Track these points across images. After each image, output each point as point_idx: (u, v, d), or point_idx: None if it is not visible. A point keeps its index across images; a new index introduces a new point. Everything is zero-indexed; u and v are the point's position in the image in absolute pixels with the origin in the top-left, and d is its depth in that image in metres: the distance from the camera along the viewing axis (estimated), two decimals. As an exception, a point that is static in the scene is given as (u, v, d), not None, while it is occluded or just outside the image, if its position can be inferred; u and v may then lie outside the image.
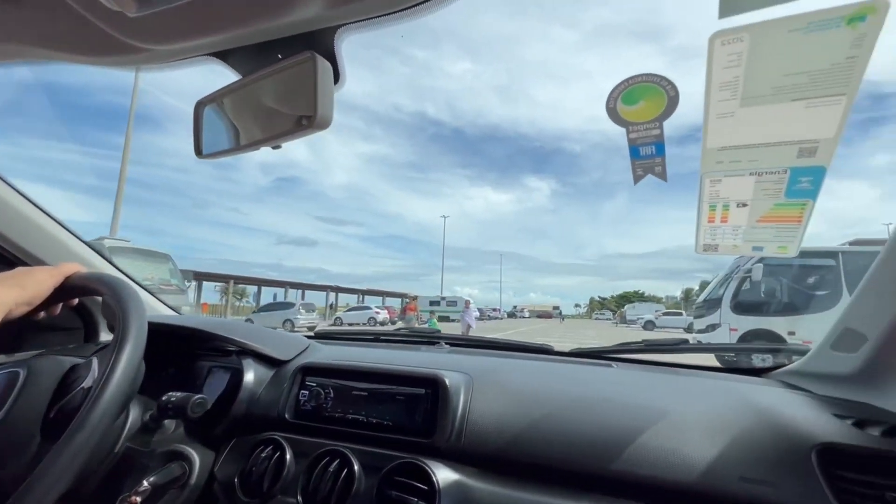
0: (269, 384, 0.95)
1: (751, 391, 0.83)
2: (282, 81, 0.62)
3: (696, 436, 0.69)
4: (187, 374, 1.08)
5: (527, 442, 0.73)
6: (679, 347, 1.12)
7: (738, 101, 0.56)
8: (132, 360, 0.65)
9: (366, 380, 0.86)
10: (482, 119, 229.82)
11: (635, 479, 0.66)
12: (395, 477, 0.71)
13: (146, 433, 0.82)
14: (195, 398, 0.78)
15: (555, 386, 0.87)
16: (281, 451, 0.79)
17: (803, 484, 0.60)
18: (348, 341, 1.47)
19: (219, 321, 1.14)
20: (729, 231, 0.75)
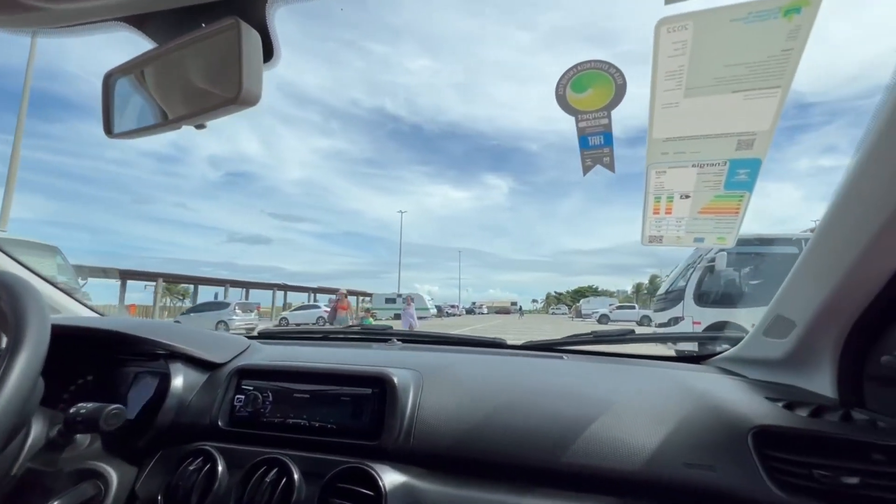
0: (202, 390, 0.87)
1: (691, 378, 0.86)
2: (204, 52, 0.56)
3: (642, 424, 0.70)
4: (109, 382, 0.97)
5: (477, 438, 0.71)
6: (626, 338, 1.15)
7: (683, 90, 0.57)
8: (26, 371, 0.57)
9: (308, 381, 0.81)
10: (441, 116, 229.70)
11: (583, 471, 0.66)
12: (339, 484, 0.66)
13: (52, 451, 0.72)
14: (109, 409, 0.69)
15: (505, 379, 0.86)
16: (212, 462, 0.72)
17: (741, 466, 0.62)
18: (295, 341, 1.39)
19: (145, 323, 1.04)
20: (673, 222, 0.77)
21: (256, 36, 0.51)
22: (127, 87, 0.63)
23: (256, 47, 0.50)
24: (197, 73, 0.57)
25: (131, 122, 0.63)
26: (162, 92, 0.61)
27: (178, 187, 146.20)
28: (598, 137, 0.67)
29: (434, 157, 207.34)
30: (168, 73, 0.59)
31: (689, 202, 0.73)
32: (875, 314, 0.63)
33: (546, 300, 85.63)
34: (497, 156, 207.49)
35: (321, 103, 28.83)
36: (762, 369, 0.87)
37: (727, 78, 0.54)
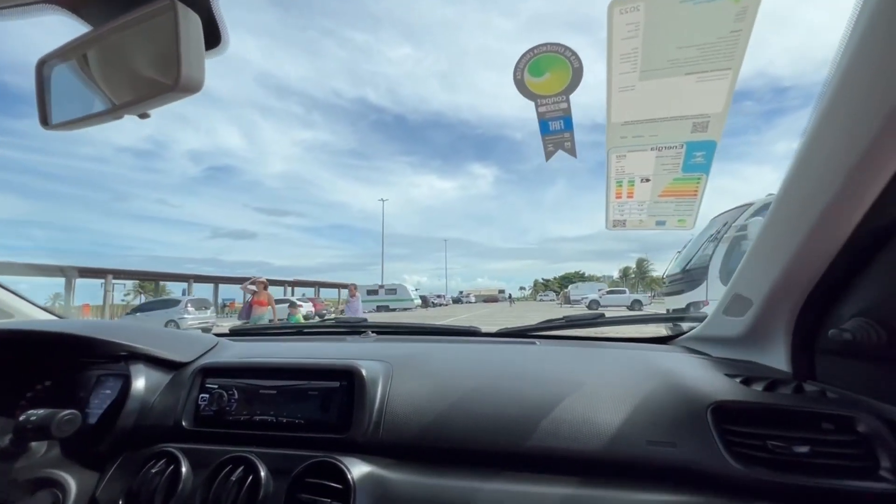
0: (165, 390, 0.85)
1: (656, 357, 0.88)
2: (142, 36, 0.53)
3: (606, 405, 0.71)
4: (69, 387, 0.93)
5: (445, 426, 0.71)
6: (597, 322, 1.17)
7: (638, 73, 0.57)
8: None
9: (275, 377, 0.79)
10: (424, 106, 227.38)
11: (549, 453, 0.67)
12: (307, 479, 0.65)
13: (5, 460, 0.69)
14: (62, 414, 0.66)
15: (476, 367, 0.87)
16: (175, 463, 0.70)
17: (700, 441, 0.64)
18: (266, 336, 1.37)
19: (105, 324, 1.00)
20: (635, 206, 0.78)
21: (196, 18, 0.48)
22: (63, 75, 0.59)
23: (197, 31, 0.48)
24: (135, 59, 0.54)
25: (69, 111, 0.59)
26: (101, 79, 0.58)
27: (158, 183, 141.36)
28: (558, 122, 0.66)
29: (418, 147, 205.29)
30: (105, 59, 0.56)
31: (649, 185, 0.74)
32: (823, 290, 0.66)
33: (534, 287, 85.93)
34: (482, 144, 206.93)
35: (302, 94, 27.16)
36: (723, 347, 0.89)
37: (680, 60, 0.54)
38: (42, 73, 0.60)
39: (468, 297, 61.37)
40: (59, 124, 0.60)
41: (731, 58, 0.52)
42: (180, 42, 0.46)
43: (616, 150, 0.68)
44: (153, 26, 0.50)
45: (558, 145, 0.69)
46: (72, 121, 0.59)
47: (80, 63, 0.58)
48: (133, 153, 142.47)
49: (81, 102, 0.59)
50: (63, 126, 0.60)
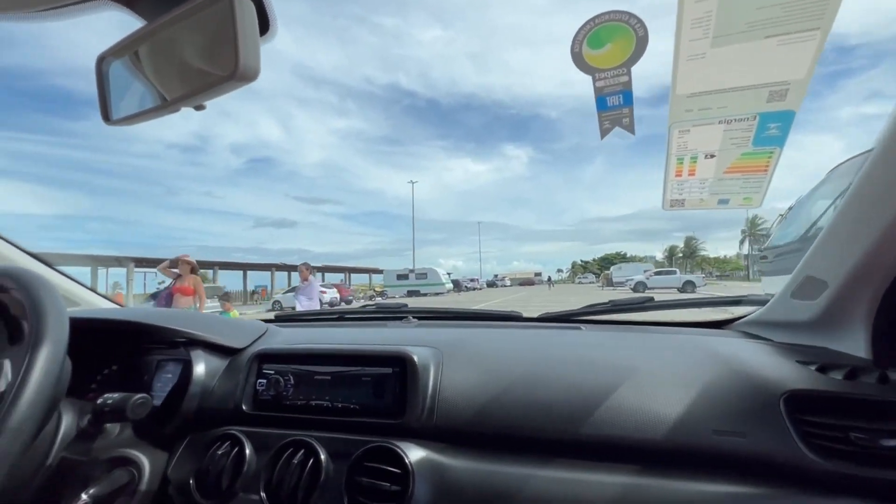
0: (223, 375, 0.88)
1: (715, 343, 0.84)
2: (198, 28, 0.53)
3: (667, 392, 0.69)
4: (133, 372, 0.99)
5: (498, 412, 0.71)
6: (645, 306, 1.13)
7: (710, 39, 0.52)
8: (52, 359, 0.57)
9: (328, 363, 0.81)
10: (456, 88, 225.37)
11: (607, 441, 0.65)
12: (366, 463, 0.67)
13: (85, 440, 0.74)
14: (136, 398, 0.70)
15: (523, 353, 0.85)
16: (239, 445, 0.73)
17: (773, 432, 0.61)
18: (310, 322, 1.40)
19: (165, 312, 1.05)
20: (696, 184, 0.73)
21: (251, 6, 0.48)
22: (121, 71, 0.60)
23: (252, 18, 0.47)
24: (191, 51, 0.54)
25: (129, 106, 0.60)
26: (157, 73, 0.59)
27: (204, 176, 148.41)
28: (616, 97, 0.63)
29: (451, 131, 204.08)
30: (162, 52, 0.56)
31: (713, 162, 0.69)
32: None
33: (572, 269, 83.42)
34: (516, 125, 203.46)
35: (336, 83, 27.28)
36: (789, 332, 0.84)
37: (760, 22, 0.49)
38: (101, 69, 0.61)
39: (503, 281, 59.49)
40: (119, 119, 0.61)
41: (820, 16, 0.47)
42: (237, 30, 0.45)
43: (679, 124, 0.64)
44: (207, 16, 0.50)
45: (616, 122, 0.66)
46: (132, 115, 0.61)
47: (137, 58, 0.59)
48: (181, 148, 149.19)
49: (140, 97, 0.60)
50: (124, 121, 0.61)
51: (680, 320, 1.14)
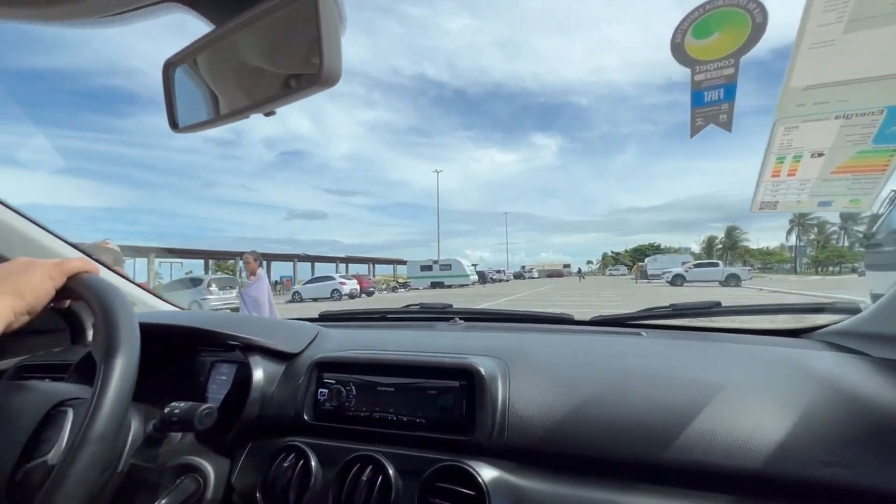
0: (281, 382, 0.87)
1: (805, 356, 0.77)
2: (272, 31, 0.50)
3: (761, 414, 0.63)
4: (187, 373, 0.99)
5: (574, 430, 0.67)
6: (712, 311, 1.05)
7: (844, 24, 0.46)
8: (128, 365, 0.57)
9: (390, 373, 0.78)
10: (484, 77, 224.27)
11: (699, 468, 0.60)
12: (437, 483, 0.64)
13: (151, 446, 0.74)
14: (202, 409, 0.69)
15: (588, 363, 0.81)
16: (305, 458, 0.72)
17: (891, 465, 0.54)
18: (355, 322, 1.39)
19: (219, 315, 1.05)
20: (794, 186, 0.67)
21: (334, 5, 0.44)
22: (189, 77, 0.58)
23: (335, 19, 0.44)
24: (264, 55, 0.51)
25: (197, 114, 0.58)
26: (227, 79, 0.56)
27: (239, 170, 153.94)
28: (717, 91, 0.57)
29: (479, 121, 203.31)
30: (232, 57, 0.54)
31: (820, 161, 0.62)
32: None
33: (602, 261, 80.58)
34: (545, 113, 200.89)
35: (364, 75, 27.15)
36: (890, 346, 0.76)
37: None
38: (168, 75, 0.59)
39: (530, 272, 57.71)
40: (187, 127, 0.59)
41: None
42: (321, 31, 0.42)
43: (787, 120, 0.57)
44: (283, 18, 0.47)
45: (710, 119, 0.60)
46: (200, 123, 0.59)
47: (206, 63, 0.57)
48: (216, 143, 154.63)
49: (208, 104, 0.58)
50: (192, 128, 0.59)
51: (748, 327, 1.07)
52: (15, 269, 0.56)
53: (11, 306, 0.52)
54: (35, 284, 0.55)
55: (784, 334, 0.99)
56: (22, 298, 0.53)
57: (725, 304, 1.05)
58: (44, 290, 0.56)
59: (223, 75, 0.56)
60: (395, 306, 1.41)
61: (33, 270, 0.56)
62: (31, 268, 0.57)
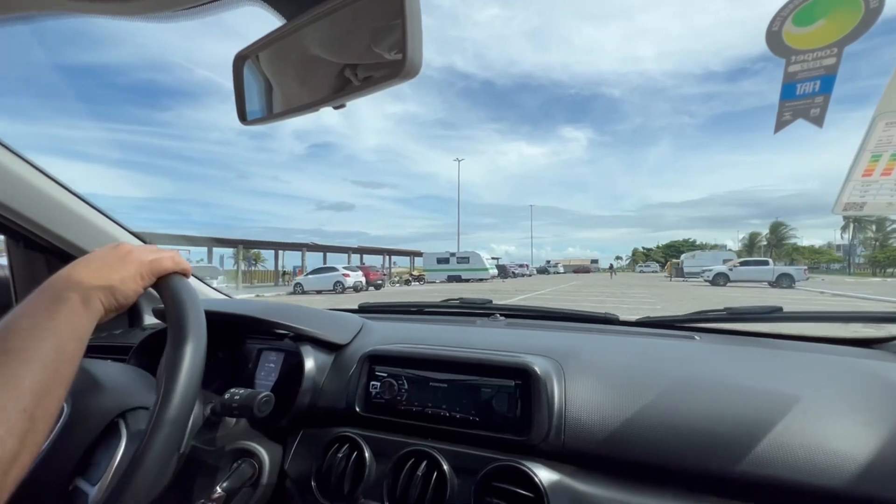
0: (332, 372, 0.88)
1: (883, 369, 0.72)
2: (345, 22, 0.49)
3: (841, 429, 0.59)
4: (236, 359, 1.02)
5: (634, 436, 0.64)
6: (772, 316, 1.00)
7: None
8: (197, 350, 0.59)
9: (442, 369, 0.78)
10: (513, 68, 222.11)
11: (773, 483, 0.57)
12: (493, 482, 0.63)
13: (210, 430, 0.76)
14: (261, 396, 0.71)
15: (644, 366, 0.78)
16: (359, 449, 0.72)
17: None
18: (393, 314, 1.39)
19: (268, 304, 1.07)
20: (888, 186, 0.61)
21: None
22: (259, 69, 0.58)
23: (418, 9, 0.42)
24: (337, 47, 0.51)
25: (266, 107, 0.59)
26: (297, 72, 0.56)
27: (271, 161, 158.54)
28: (812, 84, 0.52)
29: (507, 113, 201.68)
30: (302, 49, 0.54)
31: (921, 160, 0.57)
32: None
33: (632, 257, 77.00)
34: (574, 105, 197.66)
35: None
36: None
37: None
38: (239, 68, 0.60)
39: (556, 267, 55.85)
40: (255, 120, 0.60)
41: None
42: (406, 22, 0.41)
43: (891, 114, 0.53)
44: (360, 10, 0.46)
45: (801, 113, 0.56)
46: (268, 116, 0.59)
47: (277, 56, 0.57)
48: (250, 135, 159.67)
49: (277, 96, 0.58)
50: (260, 121, 0.60)
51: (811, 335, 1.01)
52: (110, 259, 0.54)
53: (104, 302, 0.51)
54: (127, 282, 0.54)
55: (854, 344, 0.93)
56: (113, 295, 0.52)
57: (787, 310, 0.99)
58: (133, 289, 0.55)
59: (293, 68, 0.56)
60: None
61: (127, 265, 0.55)
62: (126, 262, 0.55)
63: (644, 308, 11.00)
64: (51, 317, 0.46)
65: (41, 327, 0.45)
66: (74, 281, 0.50)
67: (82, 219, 1.13)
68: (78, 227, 1.12)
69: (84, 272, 0.52)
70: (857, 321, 0.95)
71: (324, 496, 0.71)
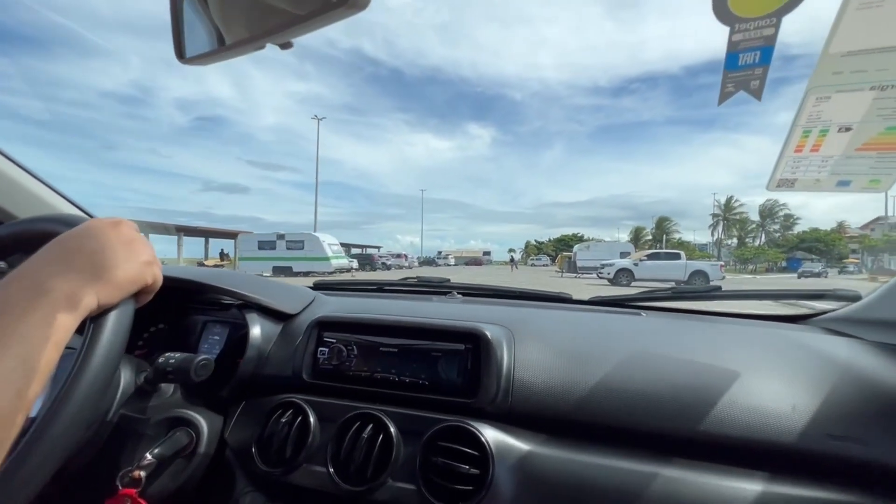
0: (279, 341, 0.85)
1: (808, 339, 0.78)
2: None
3: (769, 391, 0.63)
4: (179, 331, 0.97)
5: (580, 398, 0.66)
6: (712, 294, 1.06)
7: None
8: (122, 316, 0.53)
9: (393, 334, 0.76)
10: (422, 60, 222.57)
11: (706, 440, 0.60)
12: (440, 442, 0.63)
13: (142, 398, 0.71)
14: (199, 359, 0.67)
15: (593, 337, 0.80)
16: (303, 414, 0.70)
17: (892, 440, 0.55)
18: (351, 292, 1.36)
19: (214, 272, 1.01)
20: (816, 162, 0.65)
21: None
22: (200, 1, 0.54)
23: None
24: (283, -23, 0.48)
25: (206, 43, 0.55)
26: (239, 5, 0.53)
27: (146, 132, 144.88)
28: (753, 54, 0.55)
29: (415, 105, 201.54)
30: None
31: (846, 136, 0.61)
32: None
33: (525, 250, 75.65)
34: (480, 104, 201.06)
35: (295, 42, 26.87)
36: (890, 332, 0.77)
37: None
38: (176, 2, 0.55)
39: (446, 259, 51.01)
40: (195, 57, 0.56)
41: None
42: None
43: (820, 89, 0.56)
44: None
45: (742, 84, 0.58)
46: (209, 53, 0.55)
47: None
48: (117, 99, 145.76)
49: (218, 32, 0.54)
50: (199, 59, 0.56)
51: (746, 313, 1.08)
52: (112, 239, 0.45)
53: (99, 297, 0.42)
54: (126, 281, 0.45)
55: (784, 320, 1.00)
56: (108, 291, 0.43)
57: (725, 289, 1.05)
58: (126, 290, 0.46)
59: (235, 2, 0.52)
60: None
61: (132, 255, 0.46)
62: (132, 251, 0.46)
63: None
64: (22, 317, 0.35)
65: (6, 332, 0.34)
66: (63, 265, 0.39)
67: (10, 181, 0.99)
68: None
69: (77, 256, 0.41)
70: (788, 298, 1.02)
71: (265, 462, 0.69)
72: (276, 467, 0.68)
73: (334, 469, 0.64)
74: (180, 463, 0.70)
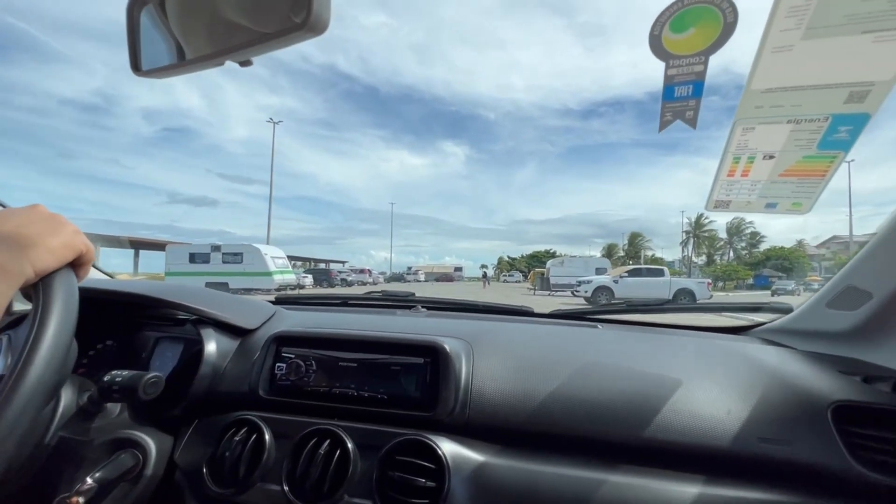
0: (235, 357, 0.83)
1: (745, 349, 0.83)
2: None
3: (708, 398, 0.67)
4: (129, 348, 0.92)
5: (536, 409, 0.68)
6: (664, 307, 1.12)
7: (802, 31, 0.50)
8: (61, 336, 0.51)
9: (352, 349, 0.76)
10: (398, 78, 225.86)
11: (653, 445, 0.63)
12: (397, 456, 0.63)
13: (84, 419, 0.68)
14: (148, 377, 0.65)
15: (550, 349, 0.83)
16: (258, 432, 0.69)
17: (819, 441, 0.60)
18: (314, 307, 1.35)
19: (166, 286, 0.98)
20: (746, 186, 0.71)
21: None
22: (156, 17, 0.54)
23: (324, -39, 0.42)
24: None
25: (164, 57, 0.55)
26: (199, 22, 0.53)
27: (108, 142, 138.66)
28: (686, 87, 0.60)
29: (390, 121, 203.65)
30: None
31: (770, 163, 0.67)
32: None
33: (498, 265, 75.96)
34: (455, 122, 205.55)
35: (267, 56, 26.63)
36: (817, 342, 0.84)
37: (862, 15, 0.47)
38: (133, 15, 0.55)
39: (416, 275, 48.33)
40: (152, 70, 0.55)
41: (927, 13, 0.45)
42: (311, -26, 0.41)
43: (746, 121, 0.62)
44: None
45: (678, 114, 0.63)
46: (166, 67, 0.55)
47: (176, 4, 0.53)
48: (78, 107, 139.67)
49: (177, 47, 0.54)
50: (157, 73, 0.55)
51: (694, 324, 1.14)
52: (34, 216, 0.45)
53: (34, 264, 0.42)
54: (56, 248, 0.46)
55: (726, 332, 1.07)
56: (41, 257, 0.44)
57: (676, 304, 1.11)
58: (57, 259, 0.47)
59: (195, 18, 0.52)
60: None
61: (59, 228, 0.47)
62: (57, 224, 0.47)
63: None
64: None
65: None
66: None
67: None
68: None
69: (8, 224, 0.42)
70: (729, 311, 1.09)
71: (216, 484, 0.66)
72: (227, 488, 0.65)
73: (289, 487, 0.63)
74: (125, 487, 0.67)
